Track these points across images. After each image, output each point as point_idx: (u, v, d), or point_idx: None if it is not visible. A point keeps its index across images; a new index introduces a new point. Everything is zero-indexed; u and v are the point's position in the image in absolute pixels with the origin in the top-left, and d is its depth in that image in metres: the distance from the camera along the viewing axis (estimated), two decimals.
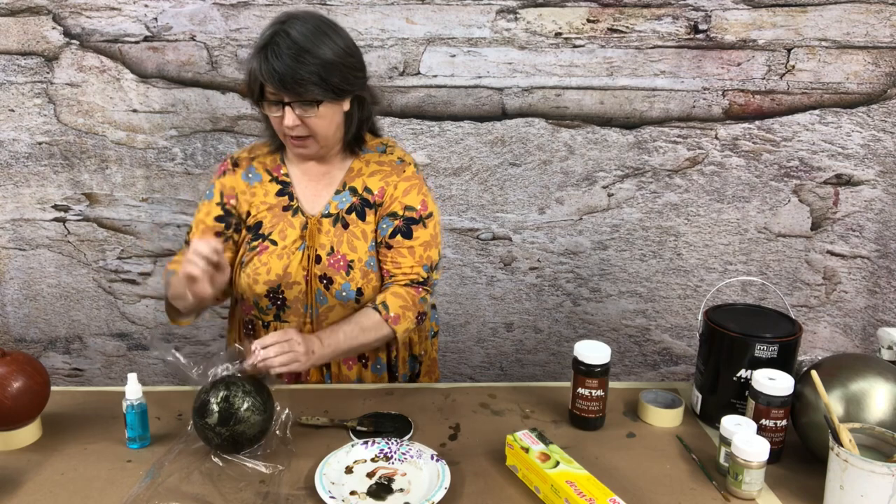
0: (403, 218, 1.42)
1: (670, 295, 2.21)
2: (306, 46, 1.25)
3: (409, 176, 1.45)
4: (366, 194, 1.43)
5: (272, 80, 1.25)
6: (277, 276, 1.40)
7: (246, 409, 1.16)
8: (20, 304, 2.21)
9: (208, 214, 1.44)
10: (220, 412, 1.14)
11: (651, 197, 2.11)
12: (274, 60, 1.24)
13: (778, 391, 1.16)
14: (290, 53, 1.24)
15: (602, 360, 1.26)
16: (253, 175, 1.45)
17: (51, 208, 2.11)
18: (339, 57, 1.29)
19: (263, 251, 1.41)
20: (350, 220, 1.42)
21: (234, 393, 1.16)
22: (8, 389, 1.17)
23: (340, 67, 1.29)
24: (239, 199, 1.44)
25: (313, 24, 1.28)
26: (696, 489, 1.14)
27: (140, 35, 1.96)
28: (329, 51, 1.28)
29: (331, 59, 1.27)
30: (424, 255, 1.43)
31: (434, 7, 1.94)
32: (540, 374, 2.29)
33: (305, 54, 1.25)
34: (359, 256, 1.41)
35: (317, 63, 1.26)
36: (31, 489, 1.12)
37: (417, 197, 1.43)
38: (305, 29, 1.26)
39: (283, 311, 1.44)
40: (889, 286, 2.14)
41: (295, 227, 1.42)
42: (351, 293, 1.41)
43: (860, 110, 2.03)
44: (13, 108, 2.02)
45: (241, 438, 1.16)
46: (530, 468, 1.12)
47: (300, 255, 1.41)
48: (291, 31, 1.26)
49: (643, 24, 1.96)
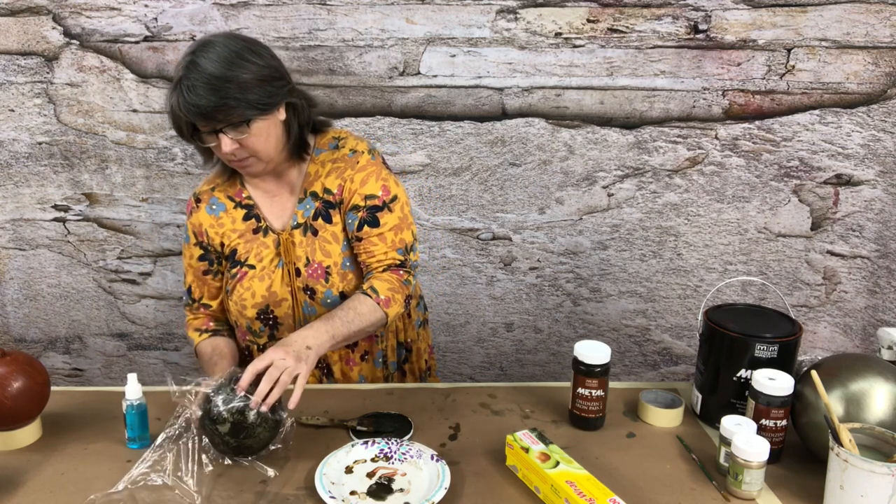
0: (366, 208, 1.40)
1: (670, 295, 2.21)
2: (218, 73, 1.23)
3: (364, 165, 1.41)
4: (326, 196, 1.41)
5: (193, 115, 1.24)
6: (263, 298, 1.41)
7: (258, 426, 1.15)
8: (20, 304, 2.21)
9: (192, 257, 1.47)
10: (232, 423, 1.14)
11: (651, 197, 2.11)
12: (189, 95, 1.22)
13: (778, 391, 1.16)
14: (205, 84, 1.22)
15: (602, 360, 1.26)
16: (217, 206, 1.45)
17: (51, 208, 2.11)
18: (254, 73, 1.26)
19: (244, 277, 1.41)
20: (318, 226, 1.41)
21: (248, 407, 1.14)
22: (8, 389, 1.17)
23: (257, 83, 1.26)
24: (209, 234, 1.44)
25: (223, 48, 1.25)
26: (696, 489, 1.14)
27: (140, 35, 1.96)
28: (242, 70, 1.25)
29: (245, 79, 1.25)
30: (396, 238, 1.41)
31: (434, 7, 1.94)
32: (540, 374, 2.29)
33: (218, 80, 1.23)
34: (333, 261, 1.41)
35: (231, 86, 1.23)
36: (31, 489, 1.12)
37: (377, 184, 1.41)
38: (215, 55, 1.24)
39: (276, 329, 1.44)
40: (889, 286, 2.14)
41: (269, 246, 1.41)
42: (335, 299, 1.40)
43: (860, 110, 2.03)
44: (13, 108, 2.02)
45: (247, 451, 1.17)
46: (530, 468, 1.12)
47: (280, 273, 1.41)
48: (200, 60, 1.23)
49: (643, 24, 1.96)
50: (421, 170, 2.07)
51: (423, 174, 2.07)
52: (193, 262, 1.47)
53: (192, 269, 1.48)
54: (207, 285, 1.49)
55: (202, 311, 1.51)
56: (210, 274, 1.47)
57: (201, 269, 1.47)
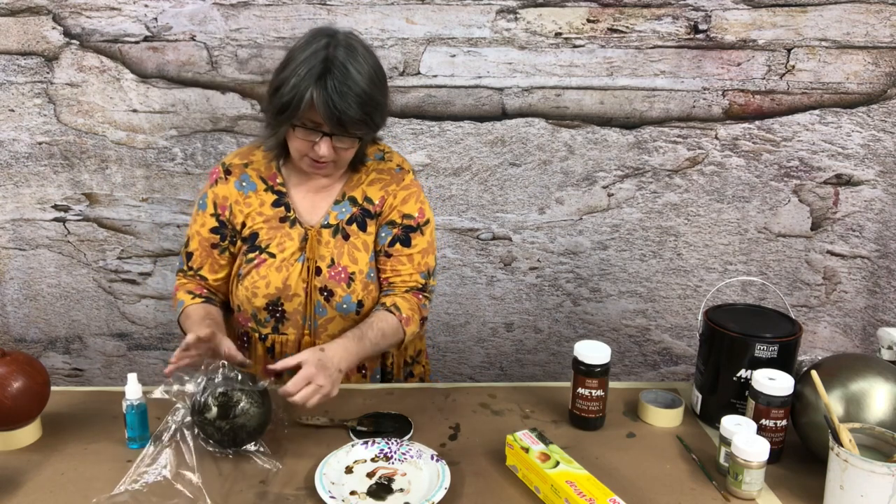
0: (402, 226, 1.42)
1: (670, 295, 2.21)
2: (368, 90, 1.25)
3: (409, 184, 1.44)
4: (366, 204, 1.42)
5: (331, 116, 1.24)
6: (277, 290, 1.39)
7: (244, 402, 1.16)
8: (20, 304, 2.22)
9: (203, 226, 1.43)
10: (219, 406, 1.15)
11: (651, 197, 2.11)
12: (340, 100, 1.22)
13: (778, 391, 1.16)
14: (357, 97, 1.24)
15: (602, 360, 1.26)
16: (247, 183, 1.42)
17: (51, 208, 2.11)
18: (386, 97, 1.32)
19: (262, 264, 1.39)
20: (351, 232, 1.41)
21: (231, 387, 1.17)
22: (8, 389, 1.17)
23: (384, 106, 1.32)
24: (233, 210, 1.42)
25: (366, 62, 1.27)
26: (696, 489, 1.14)
27: (140, 35, 1.96)
28: (380, 93, 1.29)
29: (382, 102, 1.30)
30: (422, 262, 1.43)
31: (434, 7, 1.94)
32: (540, 374, 2.29)
33: (368, 98, 1.25)
34: (360, 268, 1.41)
35: (373, 107, 1.27)
36: (31, 489, 1.12)
37: (415, 205, 1.43)
38: (364, 68, 1.26)
39: (281, 323, 1.43)
40: (889, 286, 2.14)
41: (294, 238, 1.40)
42: (352, 305, 1.40)
43: (860, 110, 2.03)
44: (13, 108, 2.02)
45: (241, 432, 1.17)
46: (530, 468, 1.12)
47: (299, 267, 1.39)
48: (350, 67, 1.24)
49: (643, 24, 1.96)
50: (421, 170, 2.07)
51: (423, 174, 2.07)
52: (203, 232, 1.43)
53: (200, 239, 1.44)
54: (212, 258, 1.45)
55: (197, 280, 1.47)
56: (218, 249, 1.44)
57: (211, 241, 1.43)
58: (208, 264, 1.45)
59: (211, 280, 1.46)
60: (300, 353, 1.23)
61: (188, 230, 1.47)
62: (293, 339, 1.44)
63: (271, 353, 1.46)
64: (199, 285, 1.46)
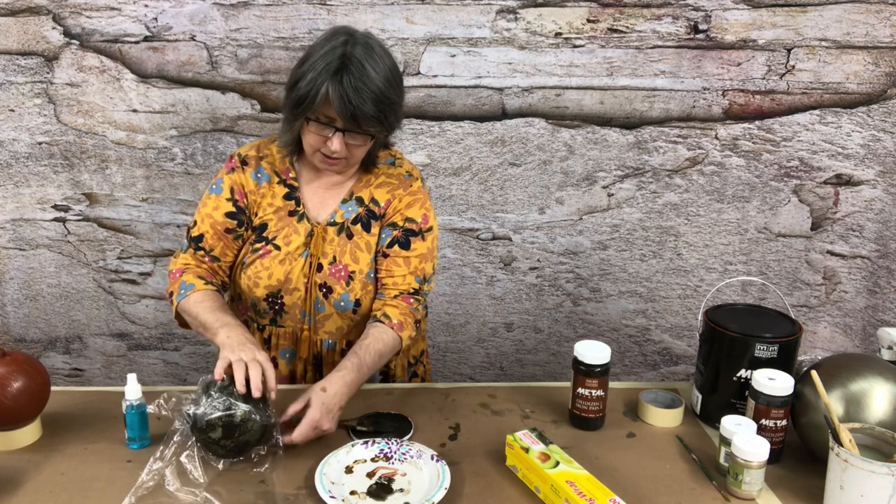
0: (403, 229, 1.42)
1: (670, 295, 2.21)
2: (384, 90, 1.26)
3: (415, 191, 1.46)
4: (372, 206, 1.43)
5: (343, 111, 1.25)
6: (278, 282, 1.40)
7: (248, 419, 1.14)
8: (20, 304, 2.22)
9: (217, 209, 1.42)
10: (223, 426, 1.13)
11: (651, 197, 2.11)
12: (356, 97, 1.24)
13: (778, 391, 1.17)
14: (373, 95, 1.25)
15: (602, 360, 1.26)
16: (262, 175, 1.44)
17: (51, 208, 2.11)
18: (401, 97, 1.33)
19: (266, 255, 1.40)
20: (355, 231, 1.42)
21: (232, 402, 1.14)
22: (8, 389, 1.17)
23: (398, 107, 1.33)
24: (248, 199, 1.43)
25: (383, 61, 1.28)
26: (696, 489, 1.14)
27: (140, 35, 1.96)
28: (396, 93, 1.30)
29: (398, 102, 1.32)
30: (419, 266, 1.43)
31: (434, 7, 1.94)
32: (540, 374, 2.29)
33: (384, 97, 1.27)
34: (360, 268, 1.41)
35: (389, 106, 1.28)
36: (31, 489, 1.12)
37: (420, 211, 1.44)
38: (381, 67, 1.27)
39: (280, 315, 1.44)
40: (889, 286, 2.14)
41: (300, 233, 1.41)
42: (349, 304, 1.41)
43: (860, 110, 2.03)
44: (13, 108, 2.02)
45: (245, 446, 1.16)
46: (530, 468, 1.12)
47: (302, 262, 1.40)
48: (367, 66, 1.25)
49: (643, 24, 1.96)
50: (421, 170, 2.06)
51: (423, 174, 2.07)
52: (217, 216, 1.42)
53: (212, 221, 1.42)
54: (224, 241, 1.43)
55: (207, 262, 1.43)
56: (233, 234, 1.43)
57: (225, 225, 1.42)
58: (219, 247, 1.43)
59: (223, 263, 1.44)
60: (304, 394, 1.23)
61: (196, 214, 1.44)
62: (290, 332, 1.45)
63: (268, 344, 1.47)
64: (208, 271, 1.43)
